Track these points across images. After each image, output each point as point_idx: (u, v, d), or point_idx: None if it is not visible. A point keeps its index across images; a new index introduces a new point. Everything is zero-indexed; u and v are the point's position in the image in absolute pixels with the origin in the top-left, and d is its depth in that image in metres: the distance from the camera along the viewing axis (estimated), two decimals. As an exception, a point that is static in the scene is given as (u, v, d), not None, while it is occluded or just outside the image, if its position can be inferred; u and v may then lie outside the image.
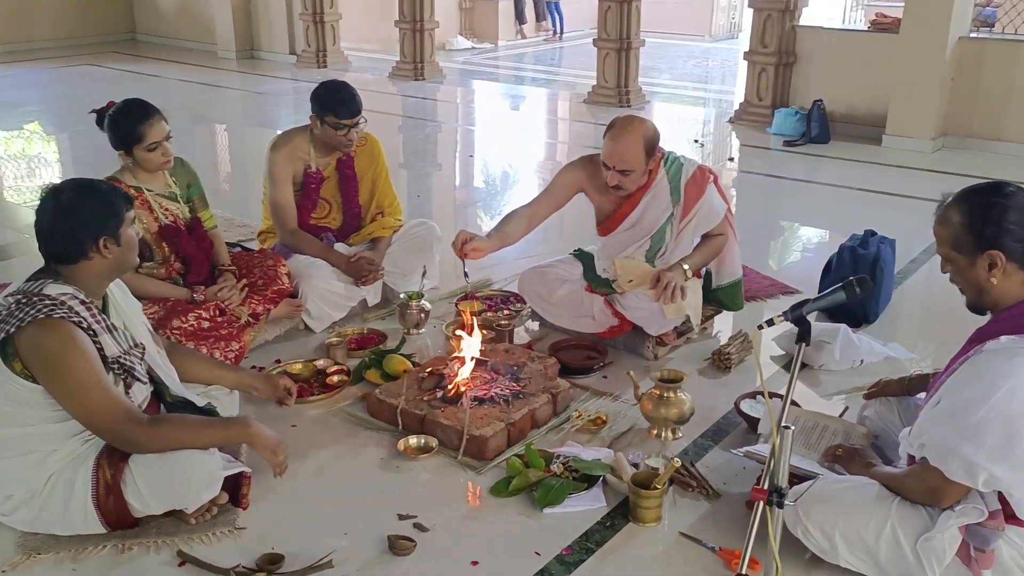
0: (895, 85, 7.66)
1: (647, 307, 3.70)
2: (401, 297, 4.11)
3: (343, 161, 4.23)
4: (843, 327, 3.84)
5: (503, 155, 8.13)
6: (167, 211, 3.71)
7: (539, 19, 16.74)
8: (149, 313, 3.49)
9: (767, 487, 2.16)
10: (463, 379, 3.30)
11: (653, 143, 3.60)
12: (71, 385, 2.46)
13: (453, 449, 3.09)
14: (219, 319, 3.65)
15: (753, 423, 3.22)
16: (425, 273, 4.19)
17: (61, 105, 9.66)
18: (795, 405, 3.25)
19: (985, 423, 2.19)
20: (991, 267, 2.29)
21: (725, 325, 4.22)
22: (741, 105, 8.83)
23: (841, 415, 3.23)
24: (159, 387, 2.79)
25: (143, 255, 3.65)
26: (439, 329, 4.10)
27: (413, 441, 3.13)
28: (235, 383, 3.16)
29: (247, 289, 3.81)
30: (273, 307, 3.85)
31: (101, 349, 2.54)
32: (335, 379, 3.57)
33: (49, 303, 2.47)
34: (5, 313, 2.46)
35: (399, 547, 2.60)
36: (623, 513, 2.80)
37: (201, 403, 2.85)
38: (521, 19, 16.34)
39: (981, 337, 2.32)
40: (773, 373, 3.80)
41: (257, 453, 2.74)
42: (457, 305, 4.27)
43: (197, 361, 3.12)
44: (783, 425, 2.11)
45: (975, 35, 7.70)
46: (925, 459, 2.32)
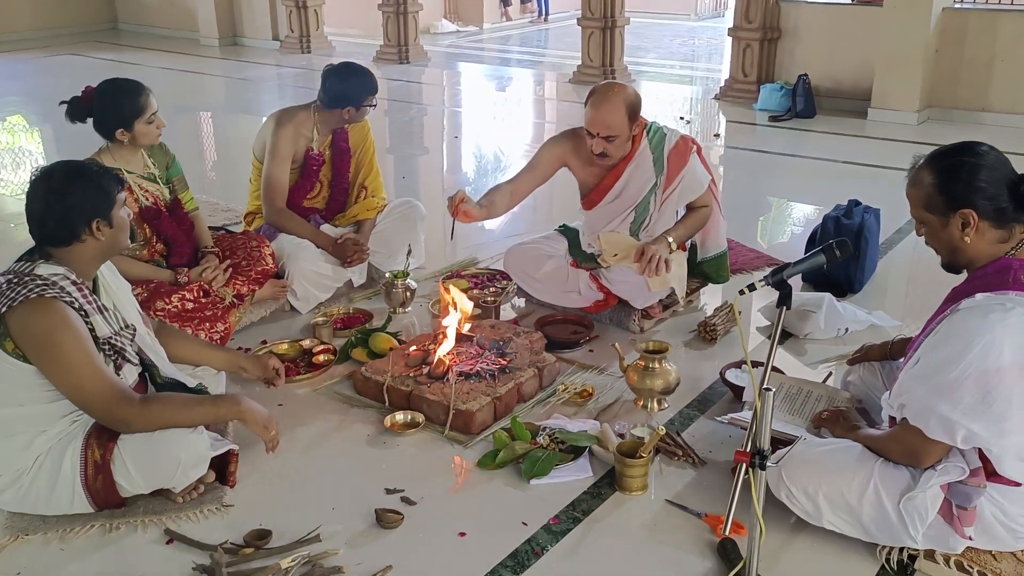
0: (880, 58, 7.66)
1: (632, 280, 3.71)
2: (387, 276, 4.10)
3: (338, 134, 4.23)
4: (828, 296, 3.85)
5: (489, 136, 8.12)
6: (147, 192, 3.70)
7: (524, 1, 16.68)
8: (133, 295, 3.48)
9: (749, 450, 2.17)
10: (449, 348, 3.32)
11: (635, 108, 3.59)
12: (63, 364, 2.45)
13: (440, 424, 3.10)
14: (203, 300, 3.64)
15: (738, 392, 3.23)
16: (410, 252, 4.19)
17: (43, 96, 9.59)
18: (779, 372, 3.28)
19: (961, 380, 2.20)
20: (964, 226, 2.29)
21: (711, 298, 4.23)
22: (727, 82, 8.83)
23: (825, 381, 3.25)
24: (149, 369, 2.79)
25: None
26: (425, 307, 4.11)
27: (400, 417, 3.13)
28: (224, 364, 3.15)
29: (231, 270, 3.79)
30: (258, 288, 3.84)
31: (93, 330, 2.54)
32: (321, 358, 3.57)
33: (41, 283, 2.46)
34: None
35: (387, 520, 2.61)
36: (609, 483, 2.81)
37: (192, 384, 2.85)
38: (506, 1, 16.29)
39: (956, 296, 2.33)
40: (759, 343, 3.81)
41: (249, 429, 2.74)
42: (441, 285, 4.27)
43: (186, 342, 3.11)
44: (765, 388, 2.13)
45: (958, 5, 7.70)
46: (905, 420, 2.33)
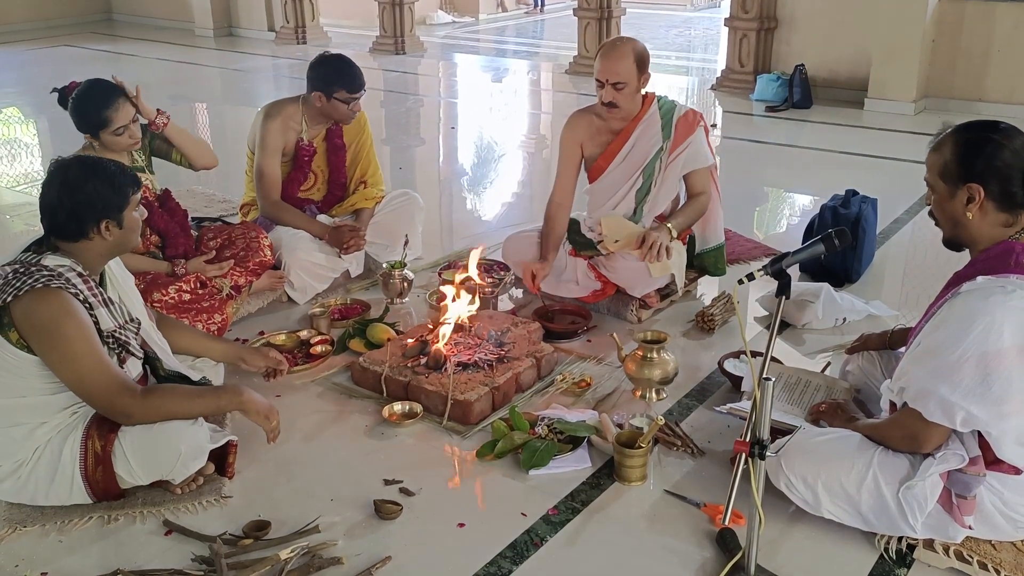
0: (876, 48, 7.65)
1: (632, 268, 3.71)
2: (384, 267, 4.10)
3: (332, 131, 4.21)
4: (825, 286, 3.85)
5: (486, 127, 8.10)
6: None
7: (520, -8, 16.65)
8: (131, 286, 3.49)
9: (749, 439, 2.17)
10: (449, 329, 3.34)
11: (643, 58, 3.66)
12: (66, 354, 2.44)
13: (438, 415, 3.10)
14: (200, 291, 3.63)
15: (737, 382, 3.23)
16: (407, 243, 4.18)
17: (39, 87, 9.52)
18: (777, 362, 3.28)
19: (961, 362, 2.20)
20: (969, 200, 2.28)
21: (708, 288, 4.23)
22: (723, 72, 8.81)
23: (823, 371, 3.25)
24: (152, 362, 2.79)
25: None
26: (422, 298, 4.10)
27: (398, 407, 3.13)
28: (223, 355, 3.14)
29: (232, 261, 3.77)
30: (255, 279, 3.83)
31: (97, 322, 2.53)
32: (319, 349, 3.56)
33: (47, 273, 2.45)
34: (2, 283, 2.44)
35: (385, 511, 2.60)
36: (608, 473, 2.81)
37: (196, 377, 2.84)
38: (502, -8, 16.26)
39: (958, 280, 2.33)
40: (757, 333, 3.81)
41: (250, 420, 2.74)
42: (441, 275, 4.27)
43: (185, 333, 3.10)
44: (764, 377, 2.13)
45: (955, -4, 7.69)
46: (906, 405, 2.33)
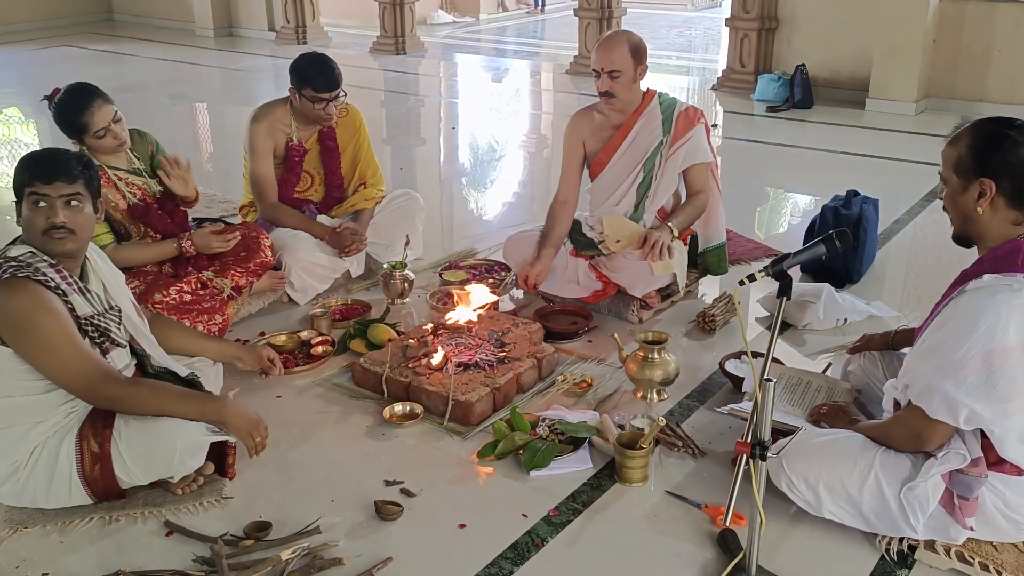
0: (877, 48, 7.65)
1: (632, 268, 3.71)
2: (384, 267, 4.09)
3: (324, 133, 4.19)
4: (827, 287, 3.85)
5: (486, 127, 8.09)
6: (134, 188, 3.65)
7: (520, -8, 16.64)
8: (130, 288, 3.47)
9: (750, 440, 2.17)
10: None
11: (639, 48, 3.70)
12: (41, 344, 2.42)
13: (439, 415, 3.09)
14: (201, 292, 3.63)
15: (738, 383, 3.23)
16: (408, 243, 4.17)
17: (38, 87, 9.50)
18: (779, 363, 3.27)
19: (966, 360, 2.20)
20: (980, 196, 2.28)
21: (709, 288, 4.23)
22: (724, 72, 8.81)
23: (824, 372, 3.25)
24: (140, 358, 2.78)
25: (121, 235, 3.61)
26: (423, 298, 4.09)
27: (398, 408, 3.12)
28: (219, 354, 3.15)
29: (229, 262, 3.76)
30: (256, 280, 3.82)
31: (73, 309, 2.51)
32: (320, 350, 3.56)
33: (14, 263, 2.44)
34: None
35: (386, 512, 2.60)
36: (609, 474, 2.81)
37: (184, 373, 2.83)
38: (502, -8, 16.25)
39: (965, 278, 2.32)
40: (758, 334, 3.80)
41: (231, 433, 2.68)
42: (442, 275, 4.27)
43: (181, 333, 3.10)
44: (765, 378, 2.12)
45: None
46: (910, 403, 2.33)
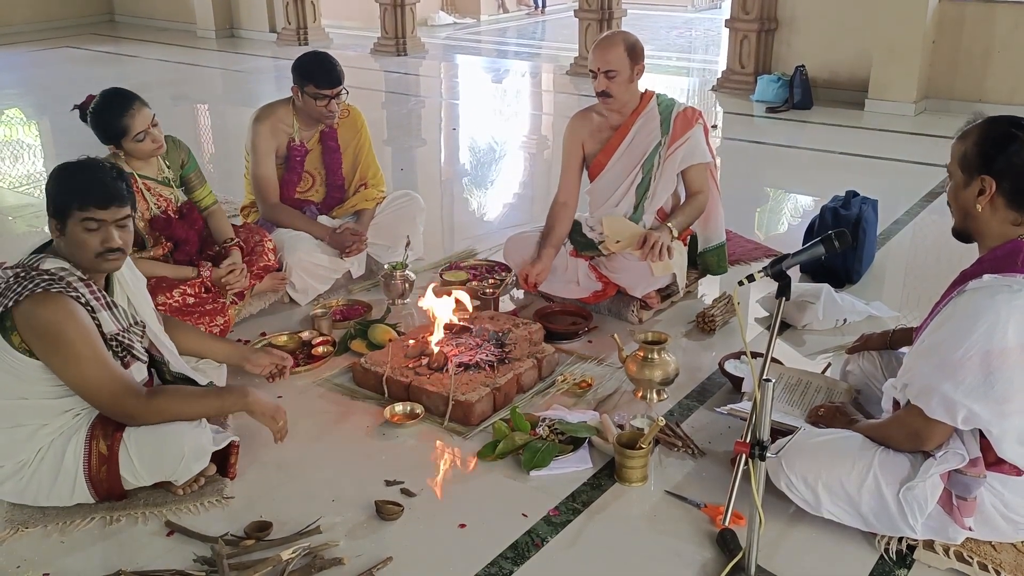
0: (877, 49, 7.66)
1: (632, 269, 3.72)
2: (385, 268, 4.10)
3: (326, 133, 4.20)
4: (826, 287, 3.85)
5: (487, 128, 8.10)
6: (160, 198, 3.67)
7: (521, -7, 16.65)
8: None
9: (749, 440, 2.18)
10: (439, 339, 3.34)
11: (635, 48, 3.71)
12: (68, 357, 2.45)
13: (439, 415, 3.10)
14: (204, 295, 3.64)
15: (737, 383, 3.24)
16: (409, 244, 4.19)
17: (41, 88, 9.59)
18: (778, 363, 3.28)
19: (965, 360, 2.20)
20: (980, 193, 2.28)
21: (709, 288, 4.23)
22: (724, 73, 8.82)
23: (823, 372, 3.26)
24: (159, 365, 2.79)
25: (136, 244, 3.62)
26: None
27: (399, 408, 3.13)
28: (227, 356, 3.15)
29: (245, 267, 3.77)
30: (258, 282, 3.84)
31: (99, 326, 2.53)
32: (320, 350, 3.57)
33: (48, 277, 2.46)
34: (3, 287, 2.45)
35: (387, 512, 2.61)
36: (609, 474, 2.82)
37: (203, 381, 2.85)
38: (503, -7, 16.26)
39: (965, 278, 2.33)
40: (757, 334, 3.81)
41: (257, 421, 2.75)
42: (442, 275, 4.28)
43: (190, 334, 3.11)
44: (764, 378, 2.13)
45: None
46: (909, 403, 2.34)
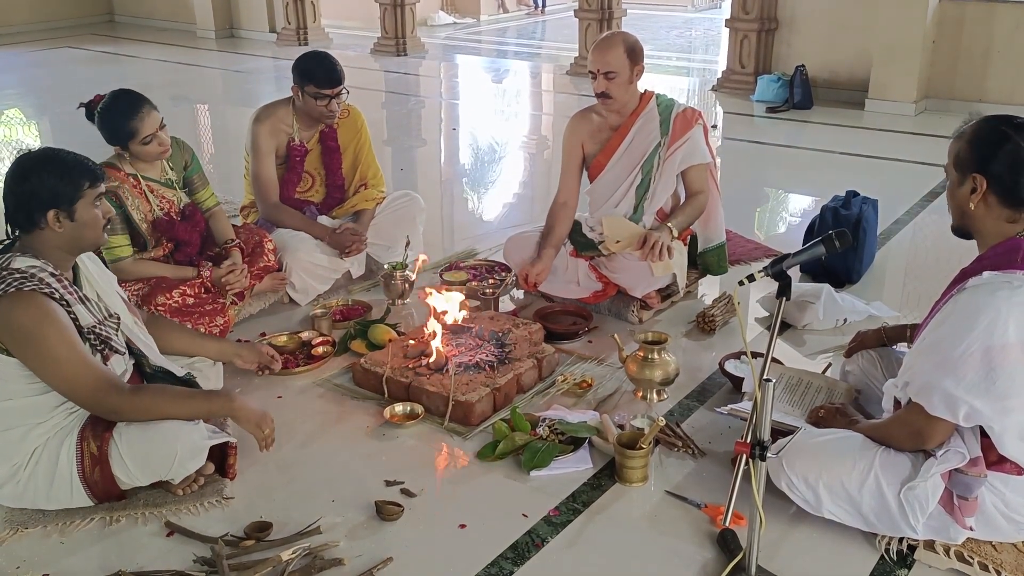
0: (877, 49, 7.66)
1: (632, 269, 3.72)
2: (385, 268, 4.10)
3: (326, 133, 4.20)
4: (826, 287, 3.85)
5: (487, 128, 8.10)
6: (163, 200, 3.66)
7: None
8: (133, 290, 3.48)
9: (750, 440, 2.18)
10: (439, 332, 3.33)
11: (635, 48, 3.71)
12: (47, 357, 2.43)
13: (439, 415, 3.10)
14: (204, 295, 3.63)
15: (737, 383, 3.23)
16: (408, 244, 4.18)
17: (41, 88, 9.58)
18: (778, 363, 3.28)
19: (966, 356, 2.20)
20: (973, 191, 2.30)
21: (709, 288, 4.23)
22: (724, 73, 8.82)
23: (824, 372, 3.25)
24: (138, 358, 2.78)
25: (138, 245, 3.62)
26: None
27: (399, 409, 3.13)
28: (218, 353, 3.16)
29: (247, 267, 3.77)
30: (257, 282, 3.83)
31: (76, 319, 2.52)
32: (320, 350, 3.57)
33: (19, 276, 2.44)
34: None
35: (387, 512, 2.61)
36: (609, 474, 2.81)
37: (181, 373, 2.84)
38: (503, -7, 16.25)
39: (964, 276, 2.33)
40: (757, 334, 3.81)
41: (241, 427, 2.74)
42: (442, 275, 4.28)
43: (179, 333, 3.11)
44: (765, 378, 2.13)
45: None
46: (910, 401, 2.33)
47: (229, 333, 3.66)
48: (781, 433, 2.60)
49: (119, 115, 3.46)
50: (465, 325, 3.50)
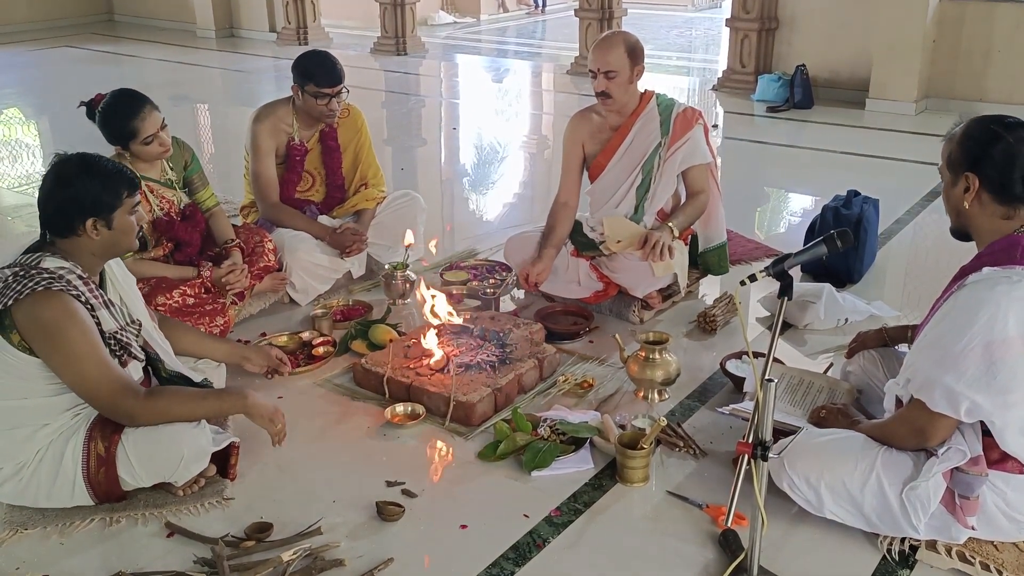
0: (877, 48, 7.66)
1: (633, 269, 3.72)
2: (386, 268, 4.10)
3: (326, 132, 4.20)
4: (827, 286, 3.85)
5: (487, 128, 8.09)
6: (163, 200, 3.66)
7: (521, -8, 16.63)
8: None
9: (751, 441, 2.17)
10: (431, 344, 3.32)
11: (635, 48, 3.71)
12: (69, 356, 2.44)
13: (440, 416, 3.10)
14: (204, 295, 3.63)
15: (739, 382, 3.23)
16: (411, 246, 4.16)
17: (40, 88, 9.58)
18: (779, 362, 3.27)
19: (966, 351, 2.21)
20: (966, 190, 2.32)
21: (710, 288, 4.22)
22: (724, 72, 8.82)
23: (825, 371, 3.25)
24: (154, 363, 2.78)
25: (140, 245, 3.61)
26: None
27: (400, 409, 3.12)
28: (226, 355, 3.15)
29: (247, 267, 3.76)
30: (258, 283, 3.83)
31: (99, 323, 2.53)
32: (321, 350, 3.56)
33: (47, 276, 2.45)
34: (2, 286, 2.44)
35: (388, 513, 2.60)
36: (611, 474, 2.81)
37: (197, 379, 2.84)
38: (503, -8, 16.24)
39: (964, 273, 2.34)
40: (759, 334, 3.80)
41: (255, 423, 2.74)
42: (443, 275, 4.27)
43: (188, 334, 3.10)
44: (767, 379, 2.12)
45: (956, -5, 7.71)
46: (912, 399, 2.33)
47: (229, 333, 3.66)
48: (782, 433, 2.60)
49: (120, 115, 3.46)
50: (466, 325, 3.50)
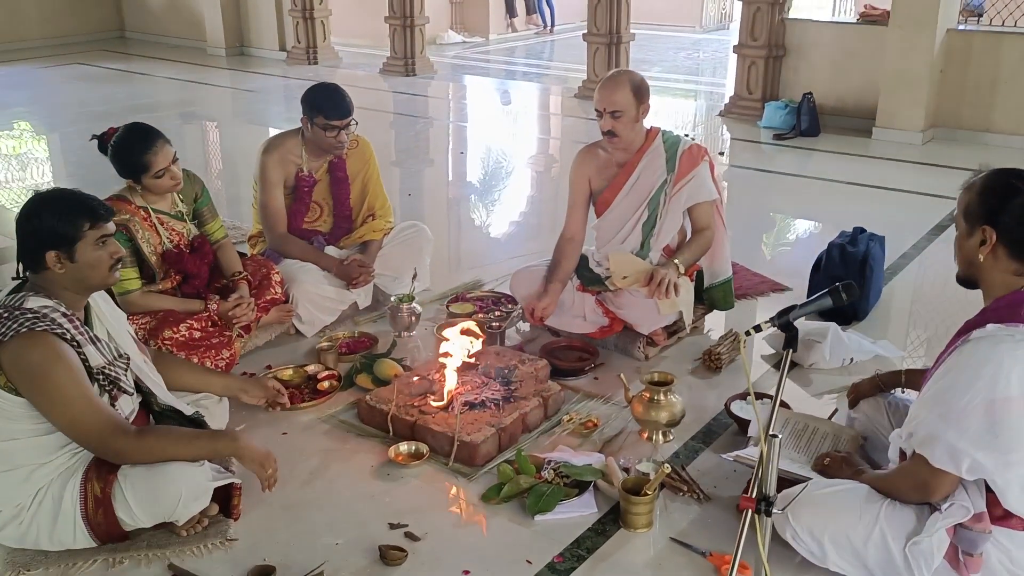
0: (884, 77, 7.67)
1: (639, 305, 3.72)
2: (392, 300, 4.10)
3: (334, 163, 4.21)
4: (833, 325, 3.84)
5: (495, 152, 8.11)
6: (173, 232, 3.67)
7: (529, 12, 16.67)
8: (140, 323, 3.49)
9: (755, 496, 2.17)
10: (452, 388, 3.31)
11: (640, 87, 3.73)
12: (56, 398, 2.44)
13: (444, 455, 3.10)
14: (211, 329, 3.64)
15: (743, 425, 3.22)
16: (415, 276, 4.18)
17: (51, 105, 9.63)
18: (784, 406, 3.26)
19: (969, 409, 2.21)
20: (982, 243, 2.31)
21: (715, 324, 4.22)
22: (731, 98, 8.83)
23: (831, 416, 3.24)
24: (146, 396, 2.78)
25: (146, 277, 3.62)
26: (430, 331, 4.10)
27: (404, 448, 3.12)
28: (224, 389, 3.16)
29: (254, 301, 3.77)
30: (264, 315, 3.84)
31: (86, 360, 2.52)
32: (325, 385, 3.57)
33: (32, 316, 2.44)
34: None
35: (390, 557, 2.60)
36: (614, 519, 2.81)
37: (189, 412, 2.84)
38: (512, 12, 16.27)
39: (969, 327, 2.33)
40: (763, 373, 3.80)
41: (245, 467, 2.73)
42: (448, 307, 4.28)
43: (184, 369, 3.12)
44: (771, 434, 2.12)
45: (963, 27, 7.70)
46: (915, 453, 2.33)
47: (235, 366, 3.67)
48: (786, 482, 2.60)
49: (133, 149, 3.47)
50: (471, 362, 3.50)
